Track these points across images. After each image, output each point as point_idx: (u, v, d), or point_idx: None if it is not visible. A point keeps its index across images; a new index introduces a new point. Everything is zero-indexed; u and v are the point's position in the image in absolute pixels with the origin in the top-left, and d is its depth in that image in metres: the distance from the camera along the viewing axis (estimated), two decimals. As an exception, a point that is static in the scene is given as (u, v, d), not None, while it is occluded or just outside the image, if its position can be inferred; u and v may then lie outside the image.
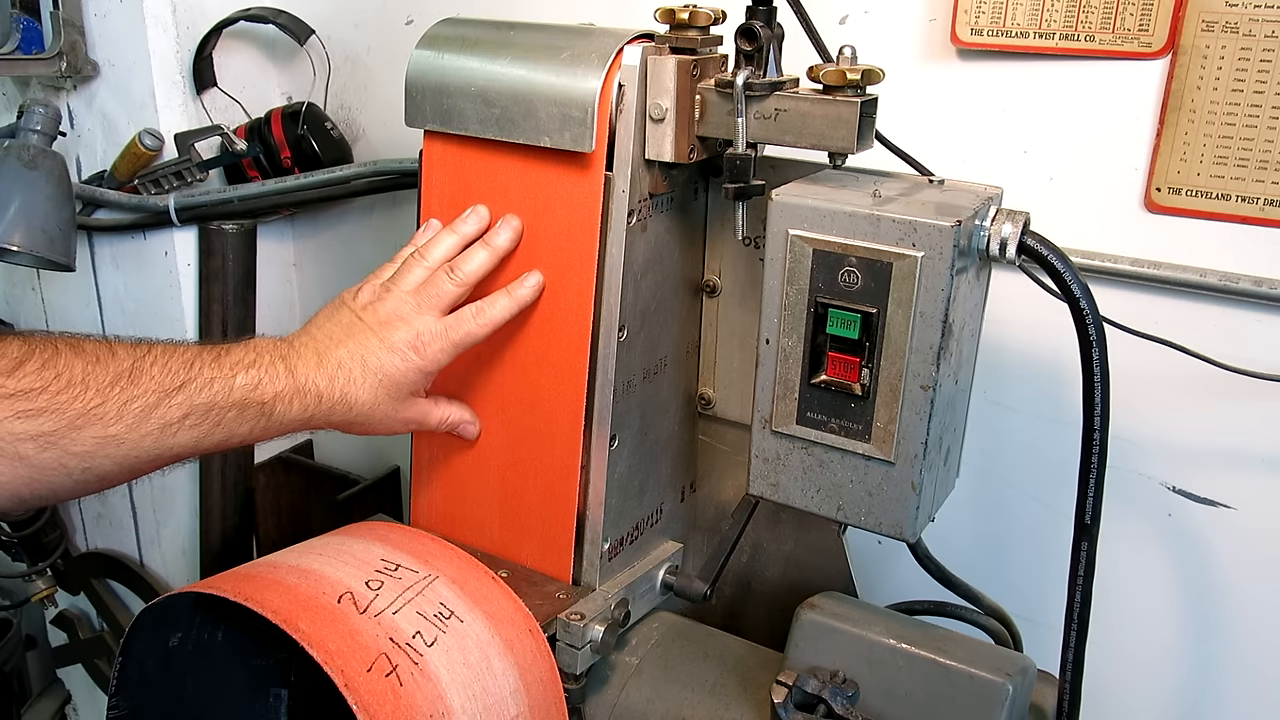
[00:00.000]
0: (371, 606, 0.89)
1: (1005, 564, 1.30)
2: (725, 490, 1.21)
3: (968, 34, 1.14)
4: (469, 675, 0.89)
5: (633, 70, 0.95)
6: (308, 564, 0.95)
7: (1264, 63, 1.02)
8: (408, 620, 0.90)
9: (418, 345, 0.97)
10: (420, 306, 0.98)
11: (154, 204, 1.58)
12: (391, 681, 0.84)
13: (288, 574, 0.93)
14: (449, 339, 0.98)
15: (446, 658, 0.89)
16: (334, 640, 0.84)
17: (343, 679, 0.81)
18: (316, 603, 0.88)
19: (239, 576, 0.94)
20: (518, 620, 0.96)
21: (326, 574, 0.93)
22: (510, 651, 0.93)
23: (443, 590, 0.95)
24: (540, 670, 0.95)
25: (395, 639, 0.87)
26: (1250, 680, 1.20)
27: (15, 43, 1.59)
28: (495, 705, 0.89)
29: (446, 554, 1.02)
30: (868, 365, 0.88)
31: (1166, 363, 1.09)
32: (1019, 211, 0.88)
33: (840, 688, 0.91)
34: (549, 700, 0.95)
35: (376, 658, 0.85)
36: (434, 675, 0.87)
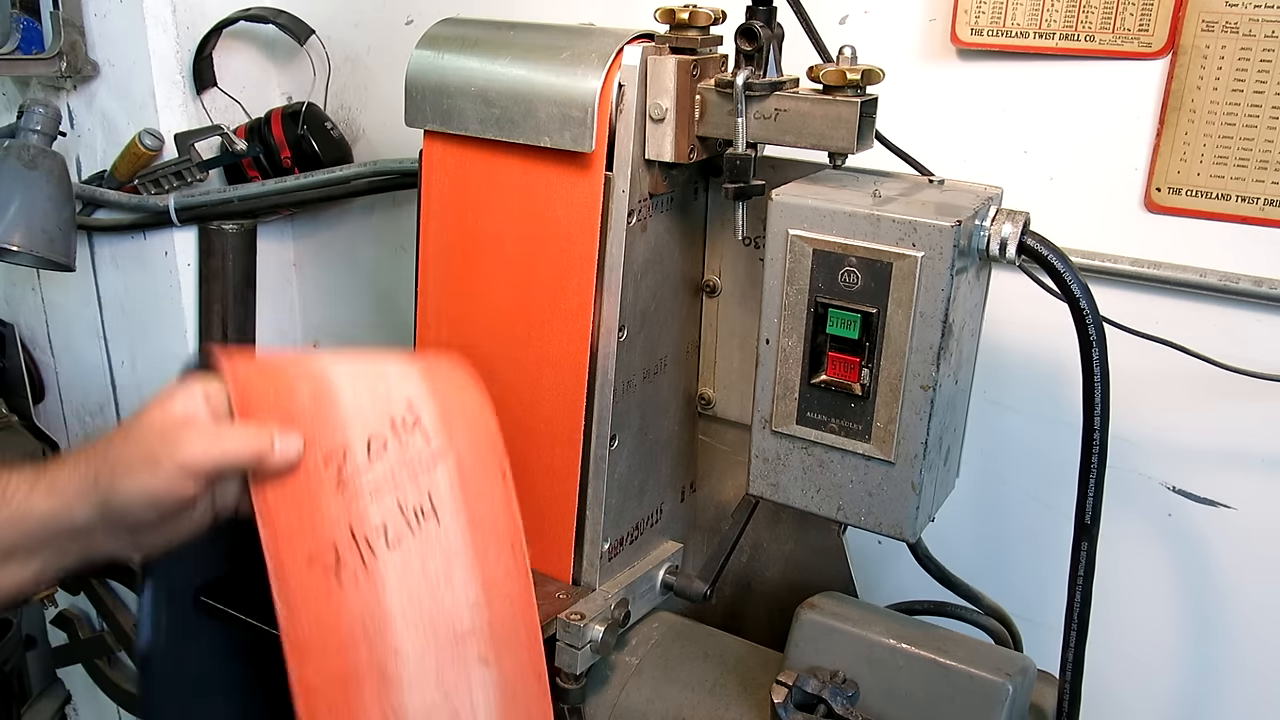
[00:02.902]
0: (354, 481, 0.83)
1: (1005, 564, 1.30)
2: (725, 490, 1.21)
3: (968, 34, 1.14)
4: (421, 584, 0.84)
5: (633, 70, 0.95)
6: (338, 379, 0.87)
7: (1264, 63, 1.02)
8: (381, 510, 0.83)
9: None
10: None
11: (154, 204, 1.58)
12: (328, 580, 0.80)
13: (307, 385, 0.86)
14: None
15: (402, 564, 0.83)
16: (288, 516, 0.80)
17: (275, 564, 0.78)
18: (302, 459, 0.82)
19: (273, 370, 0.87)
20: (501, 531, 0.90)
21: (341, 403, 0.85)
22: (479, 564, 0.87)
23: (440, 479, 0.88)
24: (510, 588, 0.89)
25: (356, 531, 0.82)
26: (1250, 680, 1.20)
27: (15, 43, 1.59)
28: (444, 615, 0.84)
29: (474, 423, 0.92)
30: (868, 365, 0.88)
31: (1166, 363, 1.09)
32: (1019, 211, 0.88)
33: (840, 688, 0.91)
34: (516, 618, 0.89)
35: (324, 549, 0.80)
36: (379, 580, 0.82)
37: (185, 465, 0.78)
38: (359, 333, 1.78)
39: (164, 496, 0.79)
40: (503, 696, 0.88)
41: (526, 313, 1.03)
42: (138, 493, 0.79)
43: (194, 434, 0.79)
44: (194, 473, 0.78)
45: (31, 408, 1.96)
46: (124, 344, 1.78)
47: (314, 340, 1.85)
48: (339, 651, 0.80)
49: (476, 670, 0.86)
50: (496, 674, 0.88)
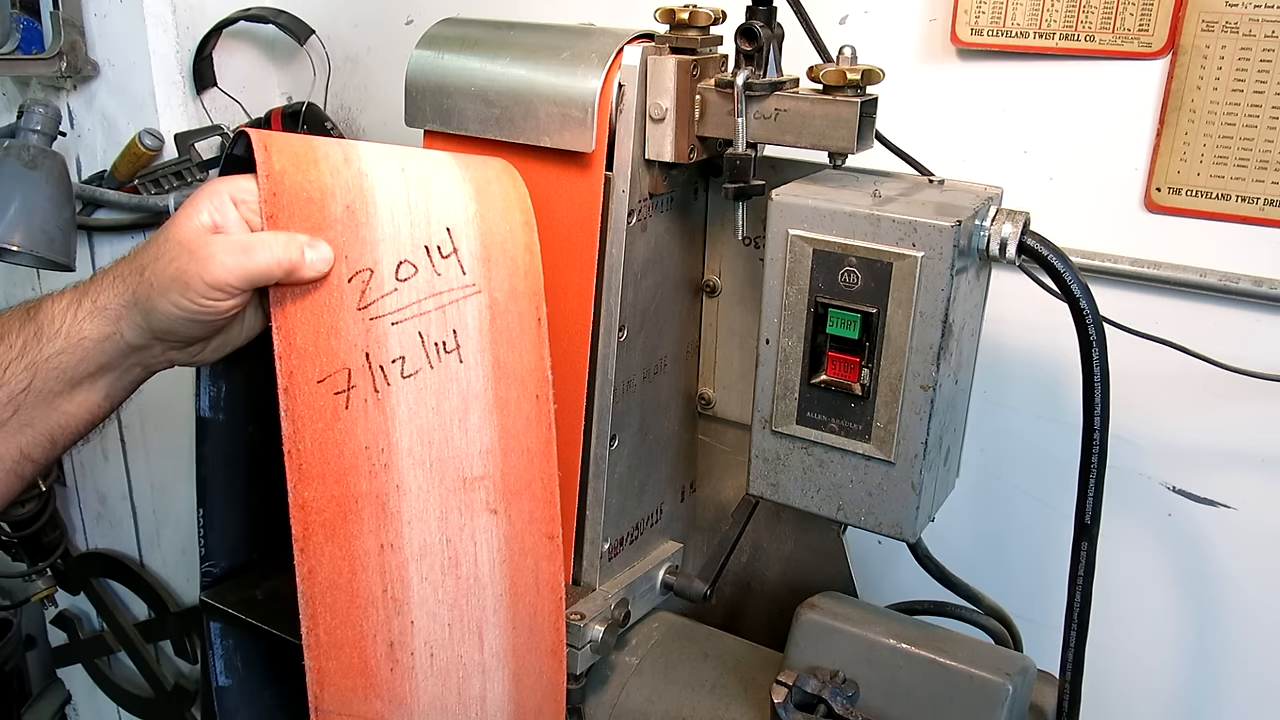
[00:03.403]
0: (377, 303, 0.79)
1: (1005, 564, 1.30)
2: (725, 490, 1.21)
3: (968, 34, 1.14)
4: (433, 421, 0.81)
5: (633, 70, 0.95)
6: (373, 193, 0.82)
7: (1264, 63, 1.02)
8: (401, 339, 0.80)
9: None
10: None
11: (154, 204, 1.58)
12: (337, 401, 0.77)
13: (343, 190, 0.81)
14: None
15: (415, 396, 0.80)
16: (304, 333, 0.77)
17: (286, 381, 0.76)
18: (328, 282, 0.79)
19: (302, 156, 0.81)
20: (529, 381, 0.87)
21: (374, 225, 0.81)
22: (498, 410, 0.84)
23: (469, 314, 0.83)
24: (530, 440, 0.86)
25: (371, 357, 0.79)
26: (1250, 680, 1.20)
27: (15, 43, 1.59)
28: (454, 458, 0.82)
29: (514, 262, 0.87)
30: (868, 365, 0.88)
31: (1166, 363, 1.09)
32: (1019, 211, 0.88)
33: (840, 688, 0.91)
34: (531, 472, 0.87)
35: (337, 371, 0.77)
36: (389, 409, 0.79)
37: (215, 282, 0.77)
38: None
39: (201, 314, 0.79)
40: (509, 549, 0.85)
41: (526, 313, 1.03)
42: (176, 312, 0.78)
43: (222, 248, 0.77)
44: (225, 289, 0.77)
45: (31, 408, 1.96)
46: (124, 344, 1.78)
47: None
48: (339, 477, 0.78)
49: (483, 518, 0.84)
50: (505, 526, 0.85)
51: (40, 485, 1.82)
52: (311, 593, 0.77)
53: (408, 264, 0.82)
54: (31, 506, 1.85)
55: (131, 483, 1.90)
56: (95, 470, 1.96)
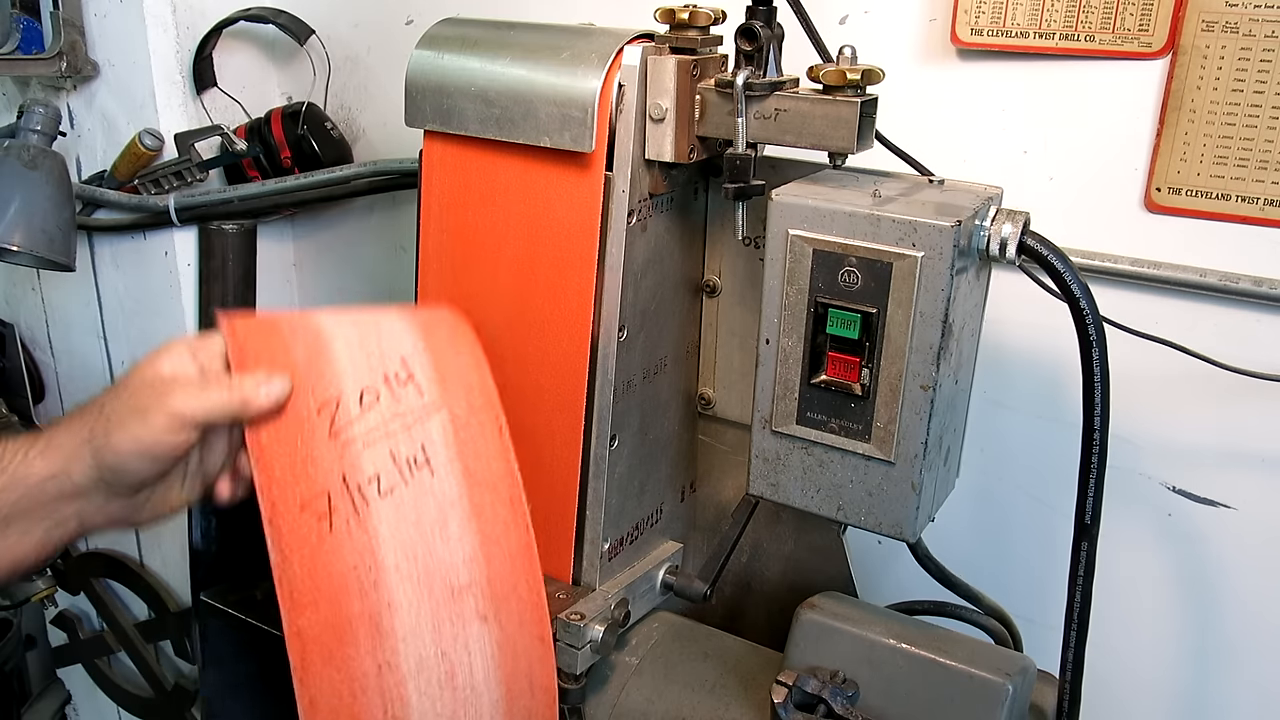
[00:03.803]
0: (347, 429, 0.84)
1: (1005, 564, 1.30)
2: (725, 490, 1.21)
3: (968, 34, 1.14)
4: (415, 535, 0.84)
5: (633, 70, 0.95)
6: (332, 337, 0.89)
7: (1264, 63, 1.02)
8: (374, 459, 0.84)
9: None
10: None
11: (154, 204, 1.58)
12: (321, 526, 0.80)
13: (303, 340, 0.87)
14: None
15: (395, 513, 0.83)
16: (282, 464, 0.81)
17: (270, 512, 0.79)
18: (295, 406, 0.83)
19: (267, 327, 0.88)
20: (499, 485, 0.89)
21: (335, 358, 0.87)
22: (476, 517, 0.87)
23: (434, 431, 0.88)
24: (510, 543, 0.88)
25: (348, 479, 0.82)
26: (1250, 679, 1.20)
27: (15, 43, 1.59)
28: (440, 569, 0.84)
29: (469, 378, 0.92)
30: (868, 365, 0.88)
31: (1166, 363, 1.09)
32: (1019, 211, 0.88)
33: (840, 688, 0.91)
34: (516, 574, 0.88)
35: (316, 496, 0.81)
36: (372, 529, 0.82)
37: (174, 413, 0.79)
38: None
39: (155, 446, 0.80)
40: (502, 655, 0.86)
41: (526, 313, 1.03)
42: (130, 443, 0.80)
43: (182, 385, 0.81)
44: (184, 421, 0.79)
45: (31, 408, 1.96)
46: (124, 344, 1.78)
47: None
48: (331, 600, 0.79)
49: (474, 627, 0.85)
50: (496, 632, 0.86)
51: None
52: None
53: (369, 391, 0.86)
54: (31, 506, 1.85)
55: (131, 483, 1.90)
56: (95, 470, 1.95)
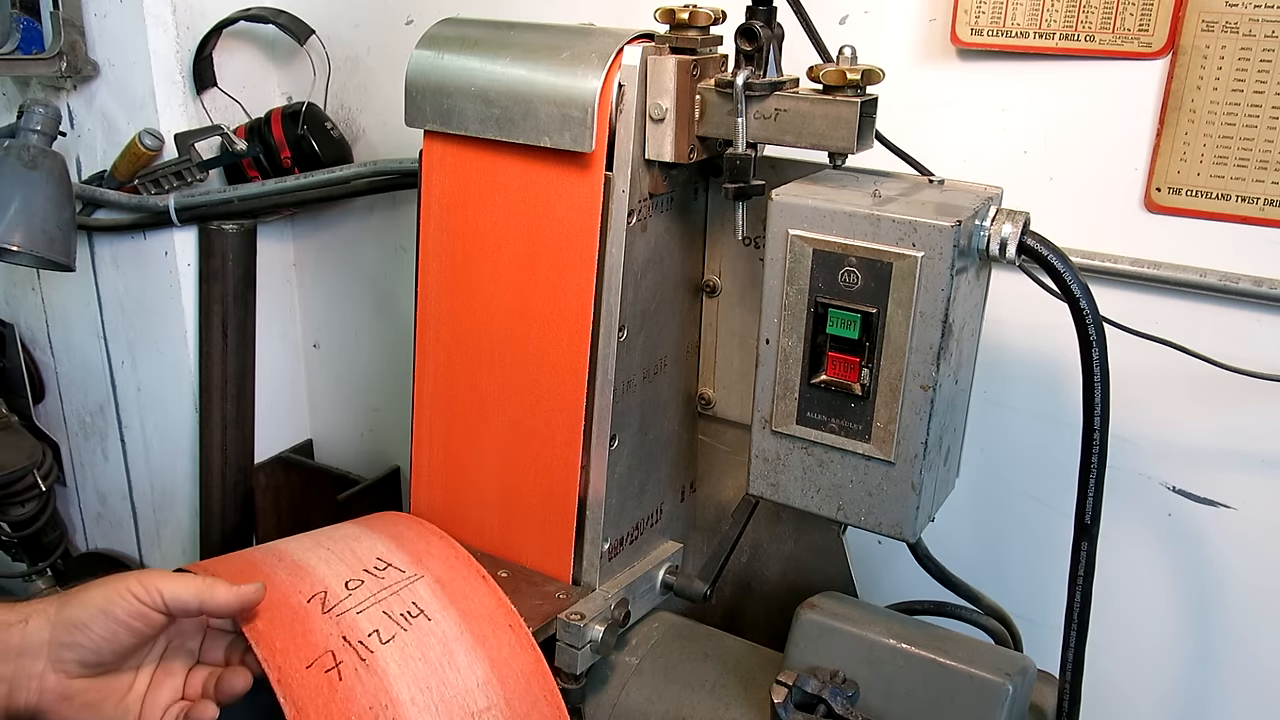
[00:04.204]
0: (338, 606, 0.90)
1: (1005, 564, 1.30)
2: (725, 490, 1.21)
3: (968, 34, 1.14)
4: (424, 669, 0.88)
5: (633, 70, 0.95)
6: (307, 558, 0.96)
7: (1264, 63, 1.02)
8: (370, 619, 0.90)
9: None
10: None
11: (154, 204, 1.58)
12: (330, 677, 0.84)
13: (281, 565, 0.94)
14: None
15: (400, 654, 0.88)
16: (282, 638, 0.85)
17: (277, 675, 0.82)
18: (286, 601, 0.89)
19: (240, 560, 0.95)
20: (496, 617, 0.95)
21: (315, 570, 0.94)
22: (481, 645, 0.92)
23: (421, 591, 0.95)
24: (520, 663, 0.93)
25: (348, 637, 0.88)
26: (1251, 679, 1.20)
27: (15, 43, 1.59)
28: (457, 697, 0.88)
29: (445, 554, 1.01)
30: (868, 365, 0.88)
31: (1166, 363, 1.09)
32: (1019, 211, 0.88)
33: (840, 688, 0.91)
34: (534, 692, 0.93)
35: (321, 655, 0.85)
36: (381, 670, 0.86)
37: (146, 583, 0.83)
38: (359, 333, 1.79)
39: (116, 605, 0.82)
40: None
41: (526, 313, 1.03)
42: (98, 598, 0.83)
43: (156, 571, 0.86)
44: (149, 591, 0.83)
45: (31, 408, 1.96)
46: (124, 344, 1.78)
47: (314, 341, 1.85)
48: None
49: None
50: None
51: (40, 485, 1.82)
52: None
53: (354, 581, 0.94)
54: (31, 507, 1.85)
55: (131, 483, 1.90)
56: (95, 470, 1.96)
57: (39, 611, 0.83)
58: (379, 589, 0.94)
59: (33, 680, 0.82)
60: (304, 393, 1.89)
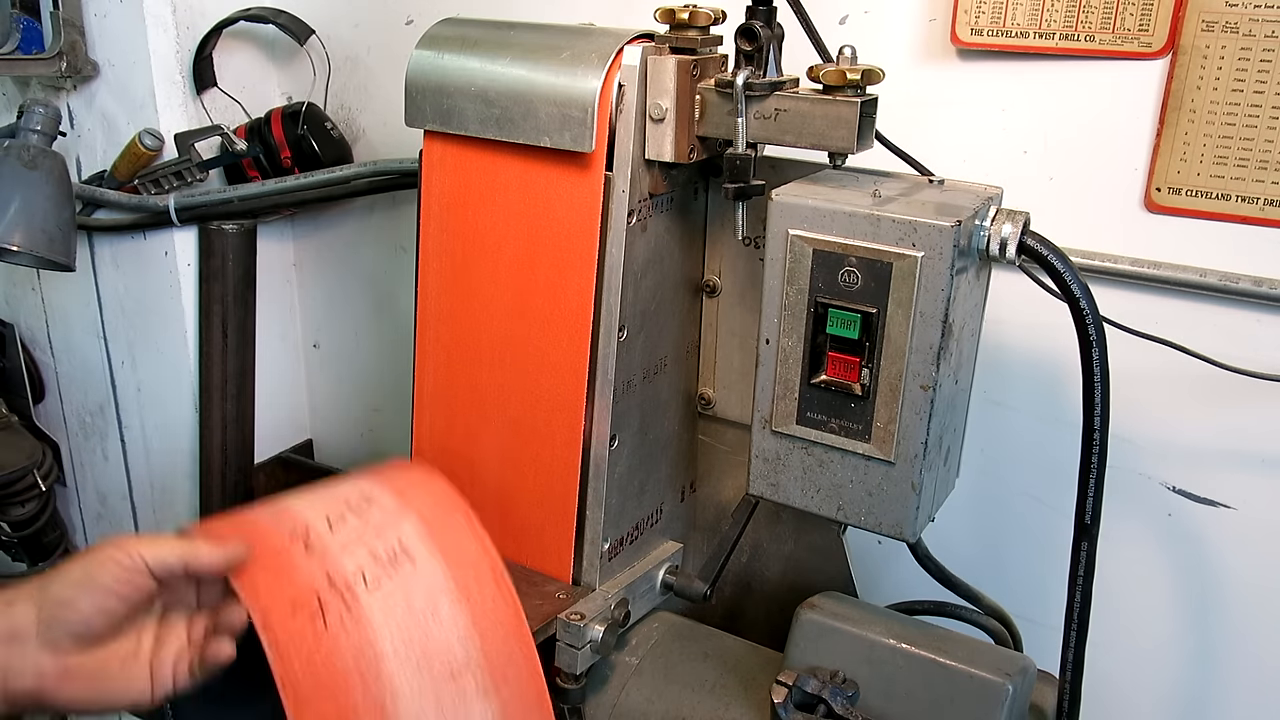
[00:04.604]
0: (321, 544, 0.88)
1: (1005, 564, 1.30)
2: (725, 490, 1.21)
3: (968, 34, 1.14)
4: (408, 620, 0.87)
5: (633, 70, 0.95)
6: (290, 502, 0.94)
7: (1264, 63, 1.02)
8: (355, 560, 0.88)
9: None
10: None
11: (154, 204, 1.58)
12: (315, 624, 0.82)
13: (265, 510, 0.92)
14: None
15: (385, 602, 0.86)
16: (265, 578, 0.83)
17: (262, 618, 0.80)
18: (266, 541, 0.87)
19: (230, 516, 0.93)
20: (481, 566, 0.93)
21: (297, 510, 0.92)
22: (464, 598, 0.90)
23: (407, 530, 0.92)
24: (501, 615, 0.91)
25: (334, 579, 0.85)
26: (1251, 679, 1.20)
27: (15, 43, 1.59)
28: (438, 651, 0.87)
29: (431, 491, 0.97)
30: (868, 365, 0.88)
31: (1166, 363, 1.09)
32: (1019, 211, 0.88)
33: (840, 688, 0.91)
34: (512, 647, 0.91)
35: (306, 598, 0.83)
36: (366, 619, 0.85)
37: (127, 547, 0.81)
38: (359, 333, 1.79)
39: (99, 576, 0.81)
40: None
41: (526, 313, 1.03)
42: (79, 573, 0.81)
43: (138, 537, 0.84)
44: (131, 557, 0.81)
45: (31, 408, 1.96)
46: (124, 344, 1.78)
47: (314, 341, 1.85)
48: (334, 695, 0.81)
49: (477, 705, 0.87)
50: (497, 706, 0.89)
51: (40, 485, 1.82)
52: None
53: (336, 517, 0.91)
54: (31, 507, 1.85)
55: (131, 483, 1.90)
56: (95, 470, 1.96)
57: (22, 595, 0.82)
58: (362, 526, 0.91)
59: (26, 665, 0.81)
60: (304, 393, 1.89)
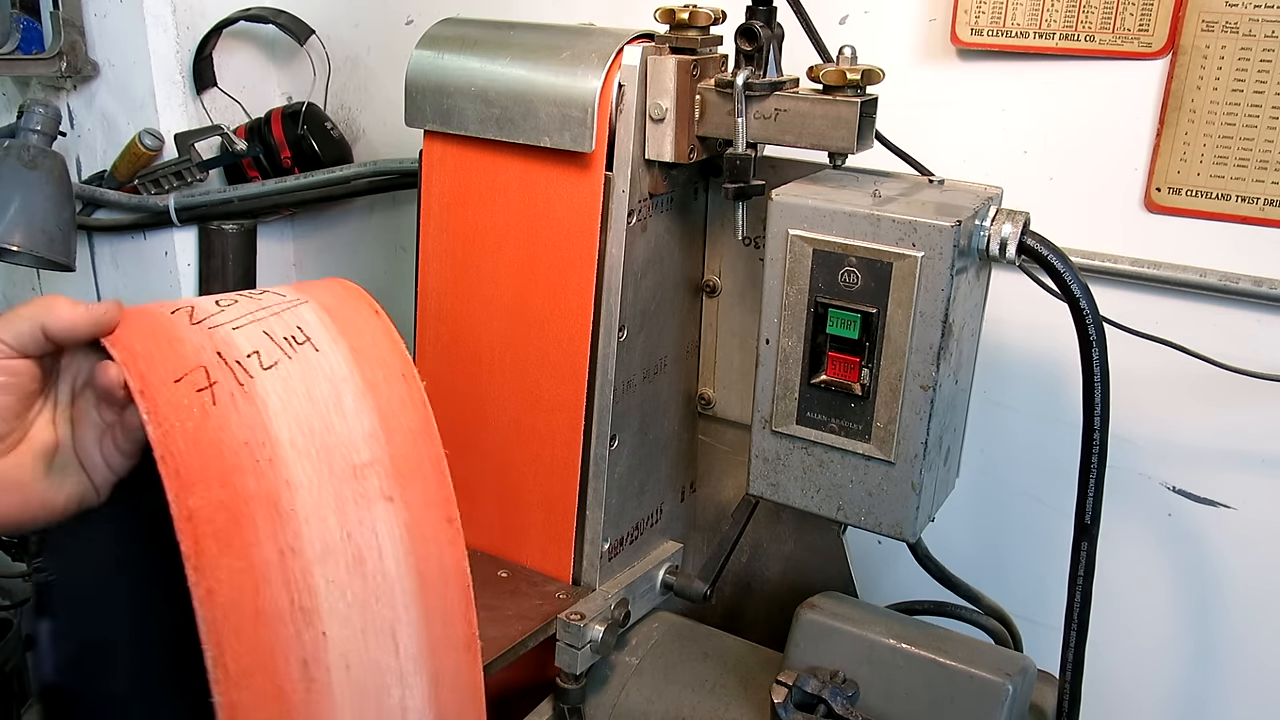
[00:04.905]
0: (209, 319, 0.76)
1: (1005, 564, 1.30)
2: (725, 490, 1.21)
3: (968, 34, 1.14)
4: (308, 409, 0.76)
5: (633, 70, 0.95)
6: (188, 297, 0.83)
7: (1264, 63, 1.02)
8: (248, 338, 0.76)
9: None
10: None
11: (154, 204, 1.58)
12: (202, 398, 0.71)
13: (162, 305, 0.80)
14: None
15: (283, 385, 0.75)
16: (143, 342, 0.72)
17: (140, 384, 0.70)
18: (147, 312, 0.76)
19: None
20: (391, 362, 0.82)
21: (189, 298, 0.81)
22: (371, 393, 0.80)
23: (306, 315, 0.81)
24: (410, 419, 0.81)
25: (224, 354, 0.74)
26: (1251, 679, 1.20)
27: (15, 43, 1.59)
28: (339, 446, 0.77)
29: (328, 286, 0.86)
30: (868, 365, 0.88)
31: (1166, 363, 1.09)
32: (1019, 211, 0.88)
33: (840, 688, 0.91)
34: (419, 452, 0.81)
35: (192, 369, 0.72)
36: (260, 400, 0.74)
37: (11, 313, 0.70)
38: (359, 333, 1.78)
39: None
40: (410, 538, 0.79)
41: (526, 313, 1.03)
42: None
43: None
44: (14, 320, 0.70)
45: (31, 408, 1.96)
46: (124, 344, 1.78)
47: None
48: (223, 479, 0.71)
49: (380, 507, 0.78)
50: (403, 513, 0.79)
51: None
52: (213, 617, 0.69)
53: (225, 299, 0.80)
54: (31, 506, 1.85)
55: (131, 483, 1.90)
56: (95, 470, 1.96)
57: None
58: (256, 307, 0.79)
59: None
60: (304, 393, 1.89)
